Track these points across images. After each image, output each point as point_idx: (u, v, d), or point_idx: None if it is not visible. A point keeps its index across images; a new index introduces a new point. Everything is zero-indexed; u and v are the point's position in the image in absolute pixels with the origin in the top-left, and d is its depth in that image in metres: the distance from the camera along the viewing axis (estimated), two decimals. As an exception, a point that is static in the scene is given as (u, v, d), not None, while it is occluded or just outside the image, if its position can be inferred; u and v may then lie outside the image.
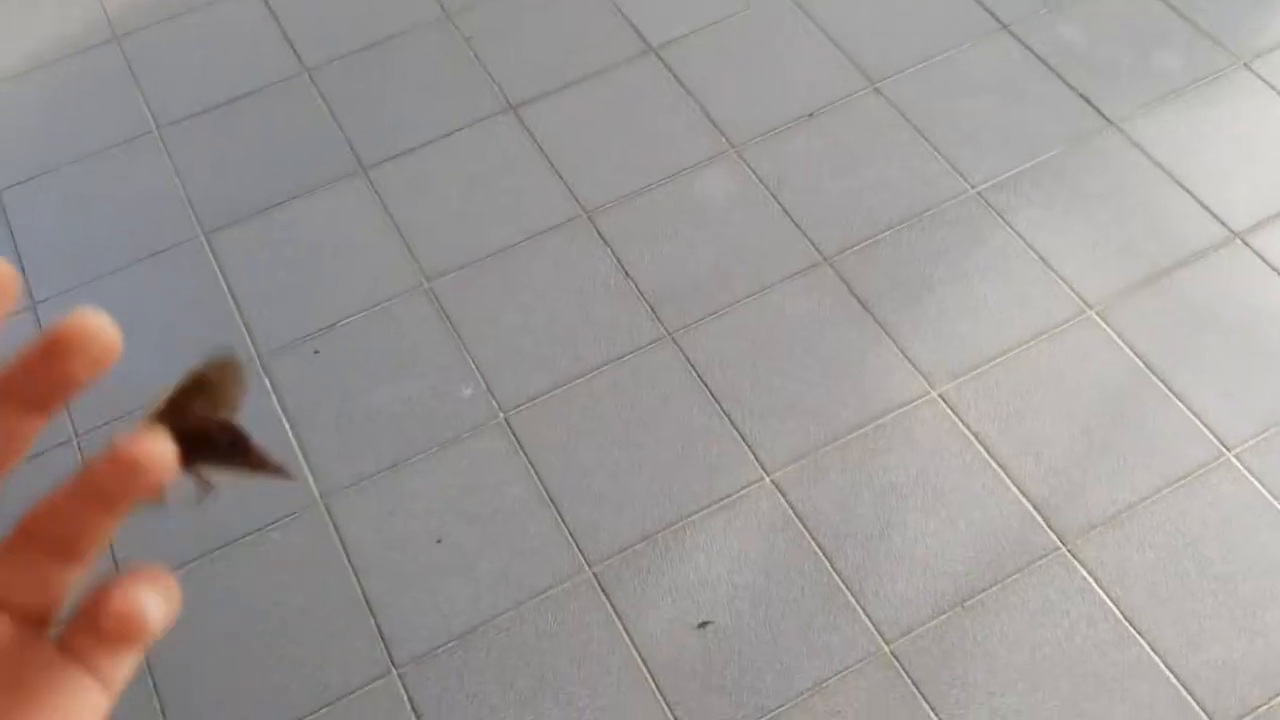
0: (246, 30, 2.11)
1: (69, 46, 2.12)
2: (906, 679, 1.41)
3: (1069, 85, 1.93)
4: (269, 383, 1.68)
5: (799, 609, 1.47)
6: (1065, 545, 1.50)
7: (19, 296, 0.28)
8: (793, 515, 1.54)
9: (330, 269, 1.80)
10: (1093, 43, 1.98)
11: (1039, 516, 1.52)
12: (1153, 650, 1.43)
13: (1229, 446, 1.57)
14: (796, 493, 1.55)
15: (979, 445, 1.58)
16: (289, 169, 1.91)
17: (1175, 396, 1.62)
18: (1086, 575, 1.48)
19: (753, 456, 1.59)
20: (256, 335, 1.73)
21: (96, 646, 0.29)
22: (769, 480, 1.57)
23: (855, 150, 1.87)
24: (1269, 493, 1.52)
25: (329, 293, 1.76)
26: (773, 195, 1.83)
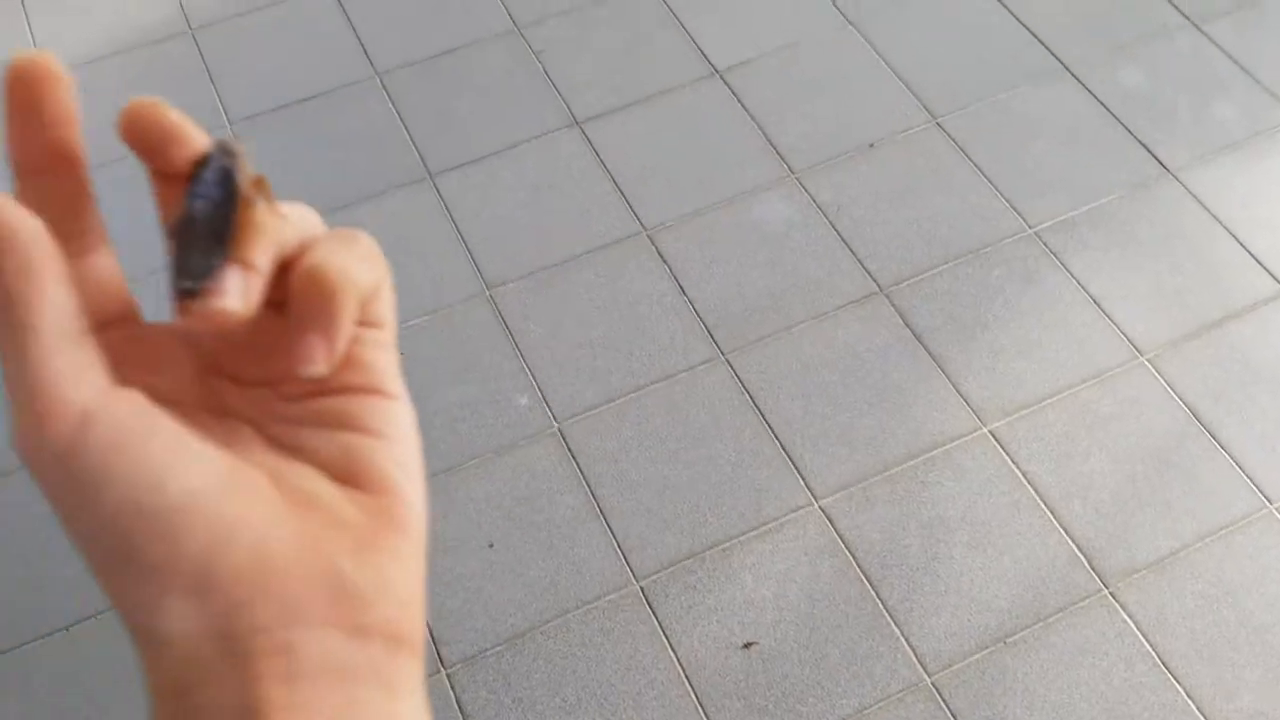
0: (320, 31, 2.15)
1: (145, 36, 2.16)
2: (946, 711, 1.44)
3: (1129, 131, 1.95)
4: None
5: (843, 635, 1.49)
6: (1107, 587, 1.52)
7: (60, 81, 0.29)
8: (840, 542, 1.56)
9: (393, 273, 1.83)
10: (1154, 90, 2.00)
11: (1083, 558, 1.54)
12: (1188, 696, 1.45)
13: (1271, 499, 1.59)
14: (844, 520, 1.58)
15: (1027, 484, 1.60)
16: (356, 172, 1.94)
17: (1221, 447, 1.64)
18: (1127, 618, 1.50)
19: (802, 481, 1.61)
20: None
21: (348, 389, 0.32)
22: (817, 506, 1.59)
23: (915, 183, 1.90)
24: (1312, 548, 1.54)
25: (391, 295, 1.80)
26: (831, 223, 1.86)
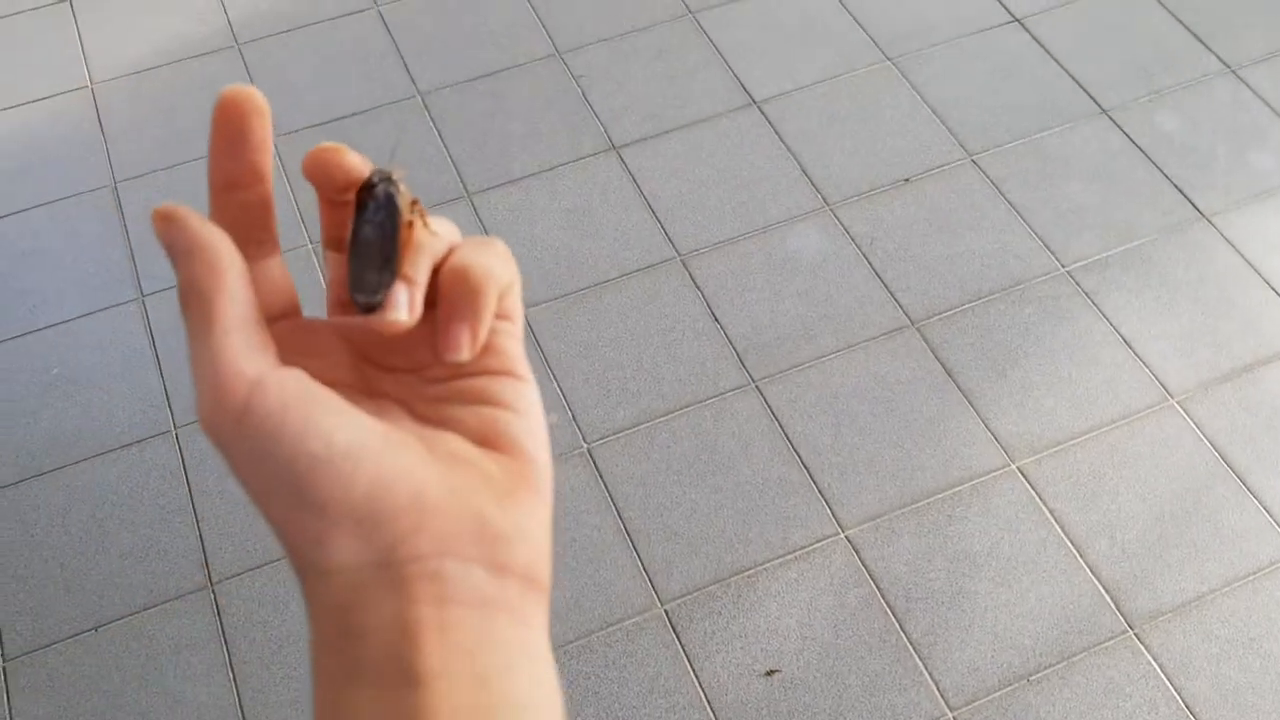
0: (364, 49, 2.18)
1: (192, 49, 2.19)
2: (968, 746, 1.43)
3: (1164, 174, 1.96)
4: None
5: (866, 666, 1.49)
6: (1133, 629, 1.52)
7: (261, 117, 0.34)
8: (865, 573, 1.56)
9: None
10: (1190, 135, 2.01)
11: (1109, 598, 1.54)
12: (1213, 742, 1.44)
13: (1301, 547, 1.58)
14: (870, 551, 1.58)
15: (1054, 522, 1.60)
16: (396, 187, 1.97)
17: (1250, 491, 1.63)
18: (1152, 661, 1.50)
19: (829, 511, 1.62)
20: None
21: (485, 372, 0.36)
22: (844, 536, 1.60)
23: (949, 219, 1.91)
24: (1341, 597, 1.54)
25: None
26: (864, 255, 1.87)
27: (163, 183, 1.99)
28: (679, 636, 1.52)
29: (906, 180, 1.96)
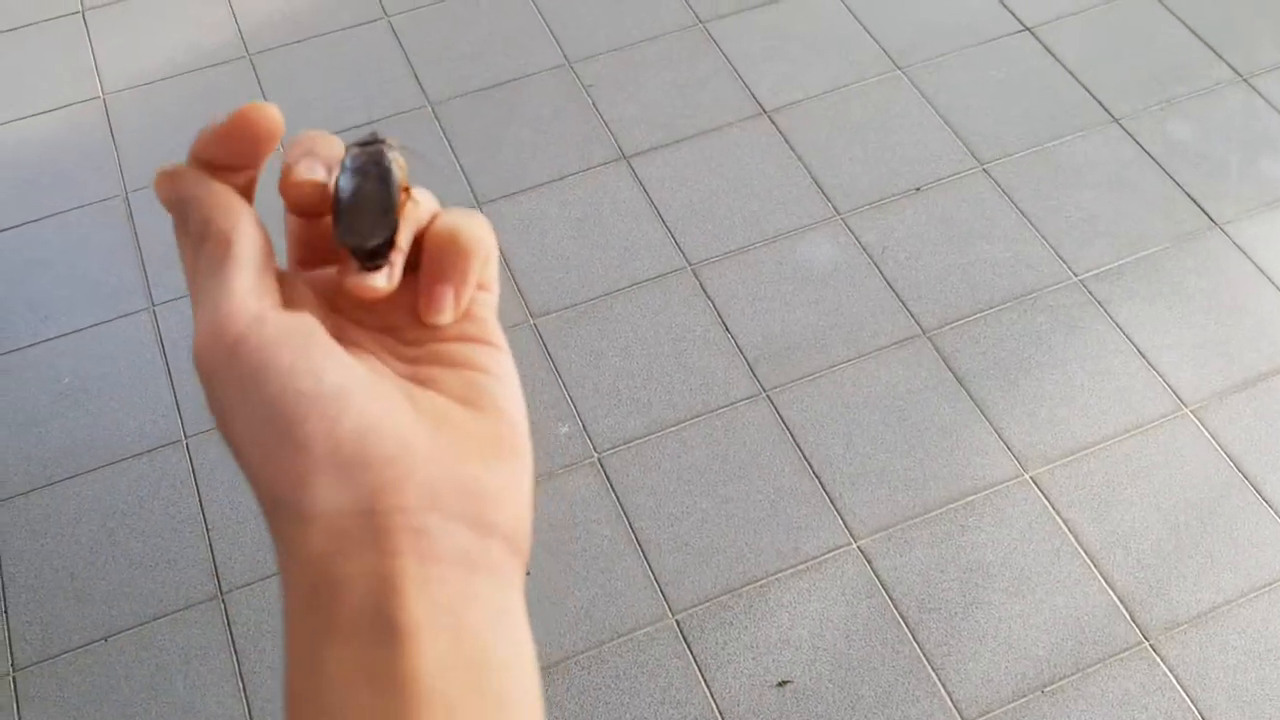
0: (375, 59, 2.18)
1: (203, 60, 2.20)
2: (982, 758, 1.42)
3: (1176, 183, 1.95)
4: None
5: (879, 677, 1.48)
6: (1148, 640, 1.51)
7: (274, 136, 0.35)
8: (878, 583, 1.55)
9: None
10: (1202, 144, 2.00)
11: (1124, 609, 1.53)
12: (1230, 755, 1.43)
13: (1317, 557, 1.57)
14: (883, 561, 1.57)
15: (1068, 531, 1.59)
16: (406, 197, 1.97)
17: (1265, 501, 1.62)
18: (1167, 672, 1.49)
19: (840, 521, 1.61)
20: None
21: (463, 338, 0.36)
22: (856, 546, 1.59)
23: (960, 228, 1.91)
24: (1358, 608, 1.52)
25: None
26: (875, 265, 1.87)
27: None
28: (690, 647, 1.51)
29: (917, 189, 1.96)
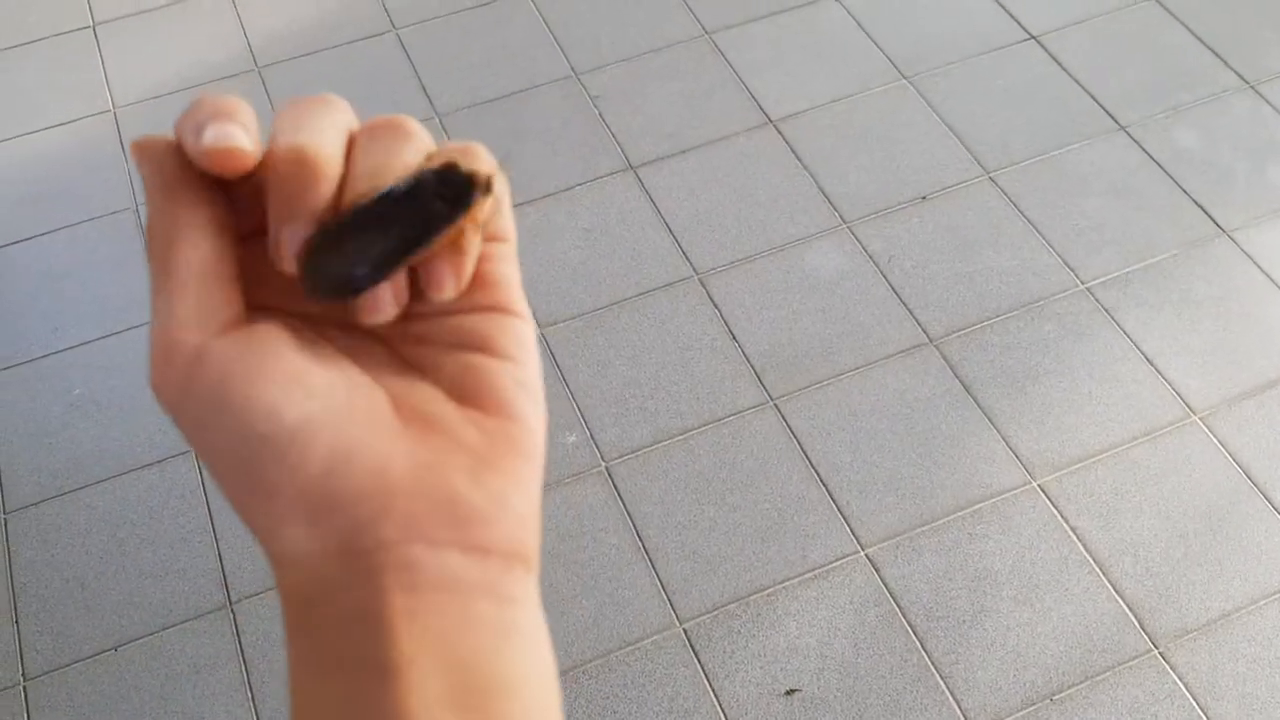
0: (383, 72, 2.20)
1: (213, 73, 2.22)
2: (991, 767, 1.42)
3: (1184, 191, 1.95)
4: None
5: (887, 686, 1.48)
6: (1158, 648, 1.50)
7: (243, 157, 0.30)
8: (886, 592, 1.55)
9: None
10: (1209, 151, 2.00)
11: (1133, 617, 1.52)
12: (1241, 763, 1.42)
13: (1328, 565, 1.56)
14: (890, 570, 1.57)
15: (1076, 540, 1.58)
16: (414, 208, 1.98)
17: (1275, 509, 1.62)
18: (1177, 680, 1.48)
19: (848, 529, 1.61)
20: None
21: (476, 309, 0.32)
22: (864, 554, 1.58)
23: (967, 236, 1.91)
24: (1369, 615, 1.51)
25: (445, 330, 1.82)
26: (882, 273, 1.87)
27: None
28: (698, 656, 1.51)
29: (924, 198, 1.96)
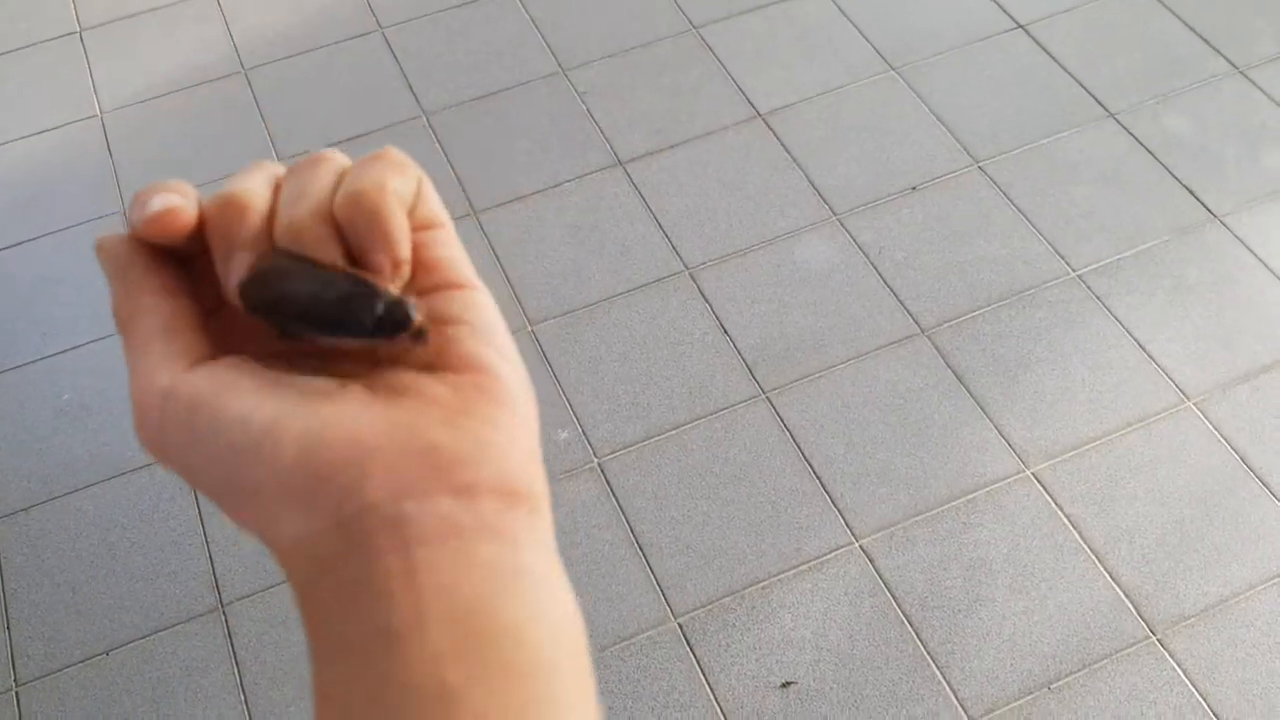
0: (369, 71, 2.19)
1: (200, 76, 2.21)
2: (989, 756, 1.41)
3: (1174, 177, 1.94)
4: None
5: (883, 677, 1.47)
6: (1155, 634, 1.49)
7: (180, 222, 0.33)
8: (880, 583, 1.54)
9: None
10: (1200, 137, 1.99)
11: (1130, 604, 1.52)
12: (1240, 749, 1.41)
13: (1325, 548, 1.56)
14: (885, 560, 1.56)
15: (1071, 527, 1.58)
16: (402, 207, 1.97)
17: (1271, 493, 1.61)
18: (1176, 666, 1.47)
19: (842, 521, 1.60)
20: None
21: (423, 291, 0.33)
22: (858, 546, 1.58)
23: (957, 226, 1.90)
24: (1367, 598, 1.51)
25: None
26: (872, 264, 1.86)
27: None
28: (693, 650, 1.51)
29: (913, 189, 1.96)
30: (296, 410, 0.30)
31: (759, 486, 1.64)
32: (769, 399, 1.72)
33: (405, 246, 0.32)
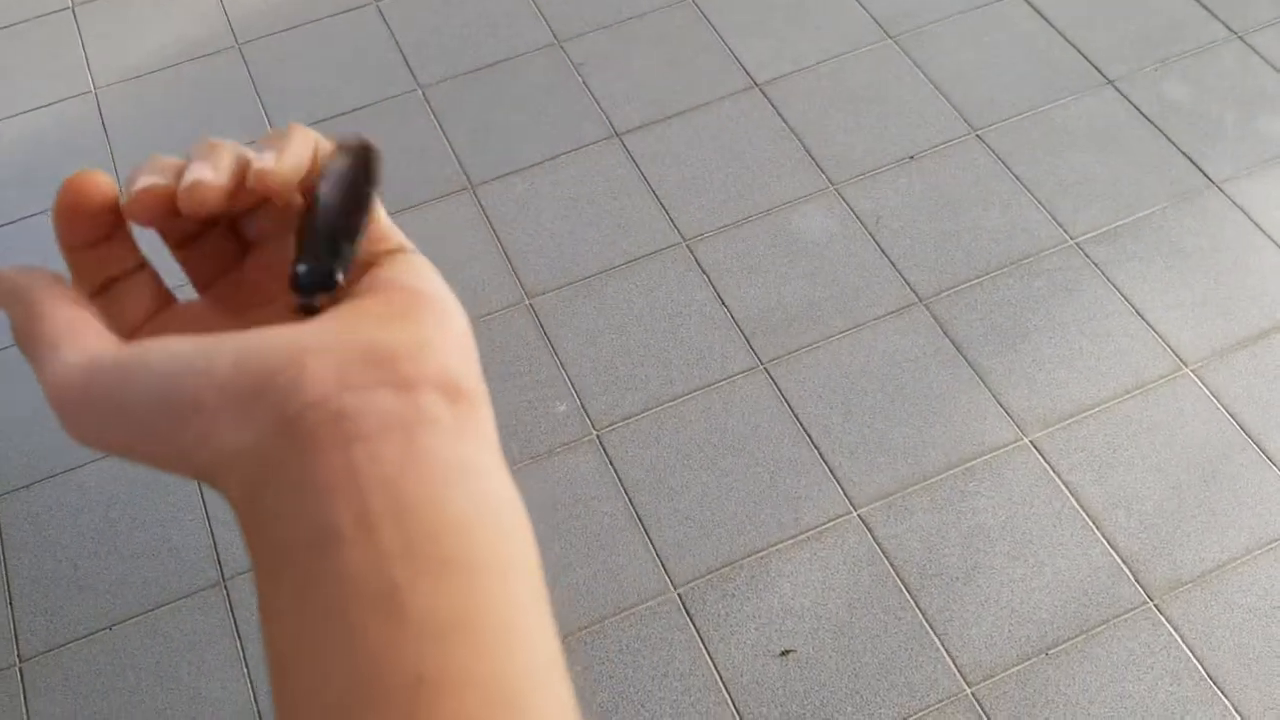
0: (364, 45, 2.18)
1: (193, 51, 2.20)
2: (987, 722, 1.42)
3: (1172, 143, 1.93)
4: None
5: (881, 645, 1.48)
6: (1152, 600, 1.50)
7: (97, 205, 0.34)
8: (879, 551, 1.55)
9: (434, 280, 1.84)
10: (1198, 103, 1.99)
11: (1127, 570, 1.52)
12: (1236, 711, 1.42)
13: (1322, 513, 1.56)
14: (883, 529, 1.57)
15: (1069, 494, 1.58)
16: (399, 183, 1.97)
17: (1268, 459, 1.61)
18: (1172, 631, 1.48)
19: (840, 490, 1.61)
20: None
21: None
22: (856, 515, 1.58)
23: (954, 195, 1.90)
24: (1363, 562, 1.51)
25: (432, 303, 1.81)
26: (870, 234, 1.86)
27: (167, 184, 1.99)
28: (693, 619, 1.51)
29: (911, 158, 1.95)
30: (228, 335, 0.30)
31: (757, 457, 1.64)
32: (767, 369, 1.72)
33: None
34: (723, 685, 1.46)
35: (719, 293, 1.81)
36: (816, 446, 1.65)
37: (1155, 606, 1.50)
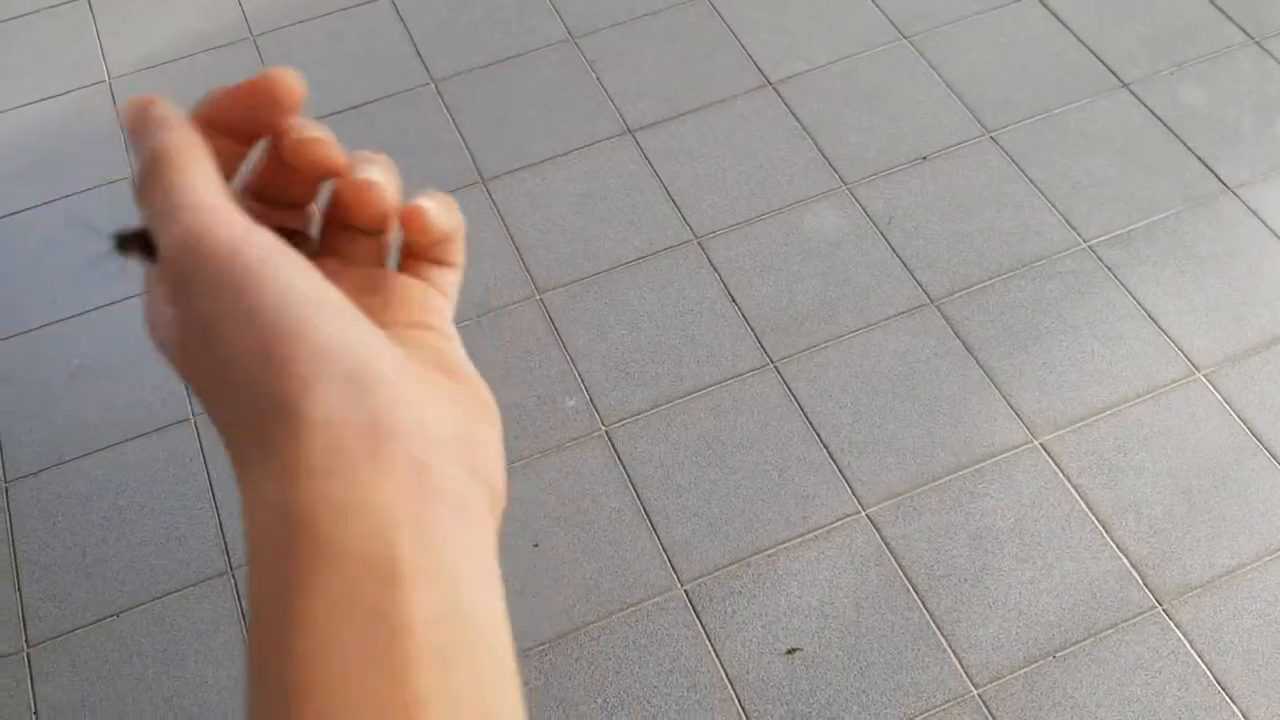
0: (378, 38, 2.18)
1: (207, 42, 2.20)
2: (993, 723, 1.41)
3: (1187, 147, 1.93)
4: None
5: (888, 645, 1.48)
6: (1161, 605, 1.50)
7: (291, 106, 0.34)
8: (887, 551, 1.55)
9: (445, 273, 1.84)
10: (1214, 107, 1.98)
11: (1136, 574, 1.52)
12: (1244, 716, 1.42)
13: (1333, 520, 1.55)
14: (891, 529, 1.56)
15: (1079, 497, 1.58)
16: (411, 175, 1.95)
17: (1279, 465, 1.60)
18: (1181, 637, 1.47)
19: (849, 490, 1.60)
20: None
21: (421, 263, 0.38)
22: (864, 514, 1.58)
23: (967, 196, 1.89)
24: (1374, 570, 1.50)
25: (443, 296, 1.81)
26: (882, 234, 1.85)
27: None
28: (699, 616, 1.51)
29: (924, 158, 1.95)
30: (360, 314, 0.31)
31: (766, 455, 1.64)
32: (777, 368, 1.72)
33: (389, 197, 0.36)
34: (728, 682, 1.46)
35: (730, 290, 1.80)
36: (826, 445, 1.64)
37: (1164, 611, 1.49)
